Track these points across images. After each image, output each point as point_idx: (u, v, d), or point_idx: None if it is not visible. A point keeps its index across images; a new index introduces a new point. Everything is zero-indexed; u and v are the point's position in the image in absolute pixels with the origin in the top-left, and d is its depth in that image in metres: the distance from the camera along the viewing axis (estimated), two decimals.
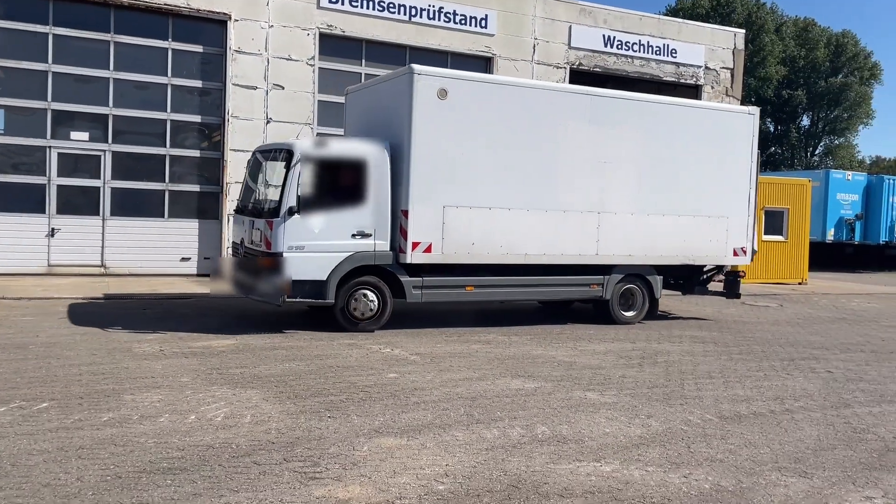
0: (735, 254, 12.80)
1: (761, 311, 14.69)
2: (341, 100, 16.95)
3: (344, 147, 10.64)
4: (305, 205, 9.85)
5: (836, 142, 60.01)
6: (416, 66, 10.44)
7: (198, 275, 15.94)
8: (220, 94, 16.05)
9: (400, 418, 6.36)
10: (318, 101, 16.70)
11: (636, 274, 12.18)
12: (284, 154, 10.14)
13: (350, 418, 6.30)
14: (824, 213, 26.63)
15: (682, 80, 20.33)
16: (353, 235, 10.18)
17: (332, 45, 16.82)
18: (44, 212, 15.07)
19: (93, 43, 15.29)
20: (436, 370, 8.26)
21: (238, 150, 15.91)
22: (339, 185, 10.27)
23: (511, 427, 6.25)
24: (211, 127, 16.34)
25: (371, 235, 10.27)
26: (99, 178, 15.48)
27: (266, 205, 10.38)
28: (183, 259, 16.03)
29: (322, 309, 10.47)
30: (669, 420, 6.68)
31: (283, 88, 16.25)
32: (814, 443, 6.21)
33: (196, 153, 16.31)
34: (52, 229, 15.11)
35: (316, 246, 9.95)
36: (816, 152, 58.47)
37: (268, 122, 16.12)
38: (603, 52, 19.28)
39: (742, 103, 22.38)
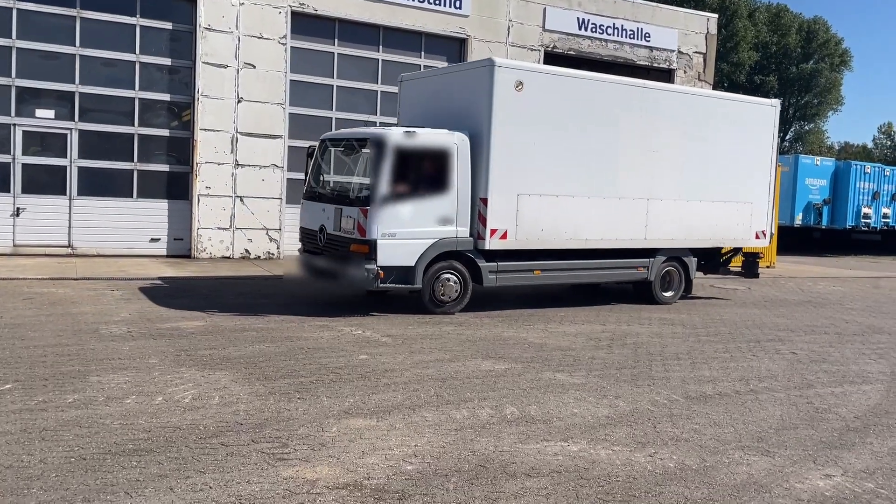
0: (757, 236, 13.77)
1: (729, 294, 14.91)
2: (314, 79, 16.90)
3: (430, 137, 10.65)
4: (396, 193, 10.18)
5: (806, 127, 60.86)
6: (496, 59, 10.91)
7: (168, 256, 15.75)
8: (190, 72, 15.78)
9: (370, 399, 6.37)
10: (291, 80, 16.49)
11: (675, 256, 13.00)
12: (374, 144, 10.33)
13: (320, 399, 6.29)
14: (793, 198, 27.04)
15: (656, 65, 20.41)
16: (438, 223, 10.56)
17: (304, 23, 16.59)
18: (8, 191, 14.74)
19: (58, 18, 14.92)
20: (407, 352, 8.27)
21: (208, 130, 15.69)
22: (425, 174, 10.59)
23: (480, 408, 6.29)
24: (180, 106, 16.08)
25: (453, 223, 10.65)
26: (65, 156, 15.18)
27: (356, 193, 10.64)
28: (152, 240, 15.81)
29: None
30: (637, 400, 6.77)
31: (254, 67, 16.02)
32: (776, 422, 6.34)
33: (165, 132, 16.05)
34: (17, 209, 14.80)
35: (405, 233, 10.31)
36: (787, 137, 59.23)
37: (239, 101, 15.91)
38: (577, 35, 19.26)
39: (714, 88, 22.55)
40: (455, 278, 10.80)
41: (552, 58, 19.20)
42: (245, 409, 5.92)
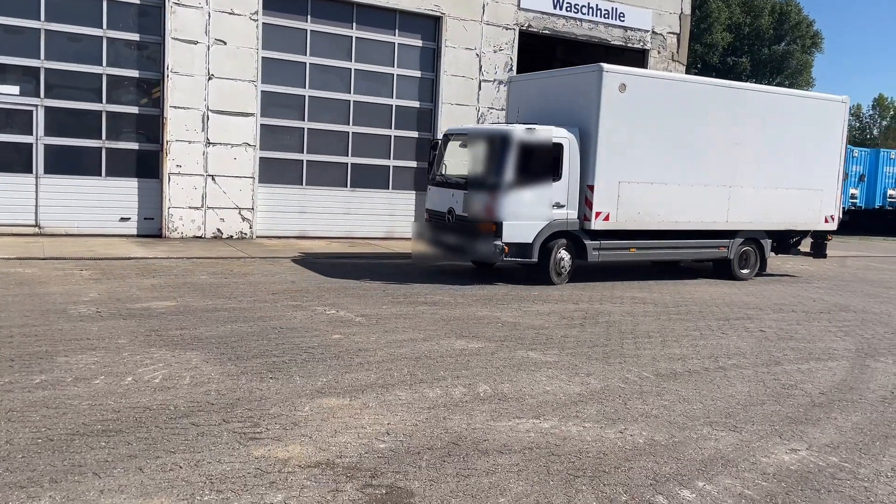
0: (826, 220, 15.10)
1: (700, 273, 15.07)
2: (287, 57, 16.66)
3: (547, 133, 12.10)
4: (519, 181, 11.82)
5: None
6: (604, 65, 12.38)
7: (138, 235, 15.53)
8: (159, 48, 15.46)
9: (343, 379, 6.36)
10: (263, 57, 16.25)
11: (752, 238, 14.43)
12: (500, 139, 11.94)
13: (292, 379, 6.27)
14: None
15: (630, 45, 20.42)
16: (552, 206, 12.17)
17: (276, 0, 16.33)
18: None
19: None
20: (381, 331, 8.26)
21: (178, 107, 15.43)
22: (541, 164, 12.04)
23: (454, 386, 6.31)
24: (150, 83, 15.77)
25: (564, 206, 12.28)
26: (31, 134, 14.84)
27: (484, 180, 12.06)
28: (122, 219, 15.58)
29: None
30: (608, 378, 6.84)
31: (225, 44, 15.75)
32: (744, 398, 6.45)
33: (134, 109, 15.75)
34: None
35: (526, 215, 11.96)
36: None
37: (210, 78, 15.64)
38: (552, 15, 19.19)
39: (688, 70, 22.65)
40: (566, 254, 12.41)
41: (527, 37, 19.14)
42: (216, 389, 5.88)
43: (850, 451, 5.29)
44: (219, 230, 16.07)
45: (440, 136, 13.58)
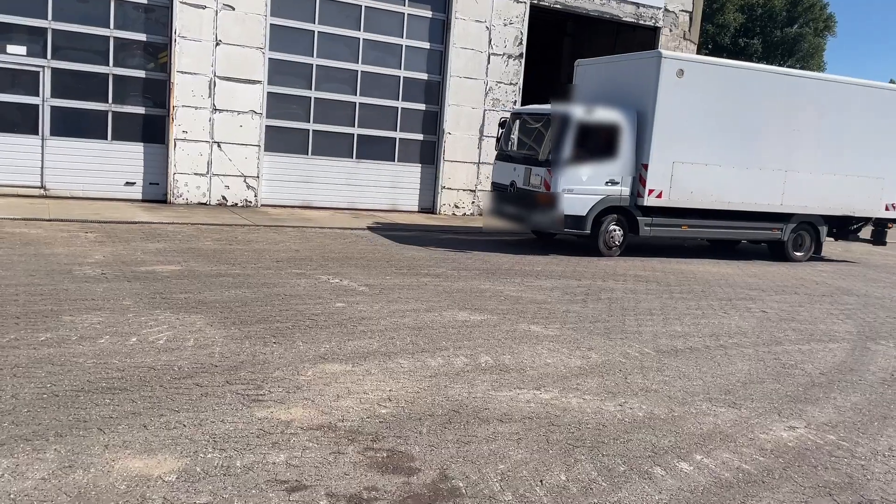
0: (886, 209, 15.47)
1: (700, 251, 15.07)
2: (295, 24, 16.51)
3: (605, 114, 12.98)
4: (576, 157, 12.67)
5: None
6: (663, 52, 13.27)
7: (143, 200, 15.53)
8: (167, 12, 15.33)
9: (346, 345, 6.40)
10: (271, 24, 16.11)
11: (807, 222, 14.90)
12: (561, 118, 12.75)
13: (295, 344, 6.31)
14: None
15: (642, 22, 20.20)
16: (607, 183, 12.98)
17: None
18: None
19: None
20: (384, 301, 8.29)
21: (185, 73, 15.34)
22: (598, 143, 12.88)
23: (455, 356, 6.34)
24: (157, 47, 15.66)
25: (619, 183, 13.06)
26: (37, 95, 14.78)
27: (544, 156, 12.98)
28: (128, 183, 15.57)
29: None
30: (609, 353, 6.87)
31: (233, 9, 15.61)
32: (744, 376, 6.48)
33: (141, 73, 15.66)
34: None
35: (581, 189, 12.81)
36: None
37: (217, 44, 15.53)
38: None
39: (698, 49, 22.43)
40: (618, 228, 13.24)
41: (538, 10, 18.94)
42: (220, 352, 5.92)
43: (847, 431, 5.33)
44: (223, 197, 16.06)
45: (505, 114, 15.10)
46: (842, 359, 7.39)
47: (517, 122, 14.31)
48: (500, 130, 14.60)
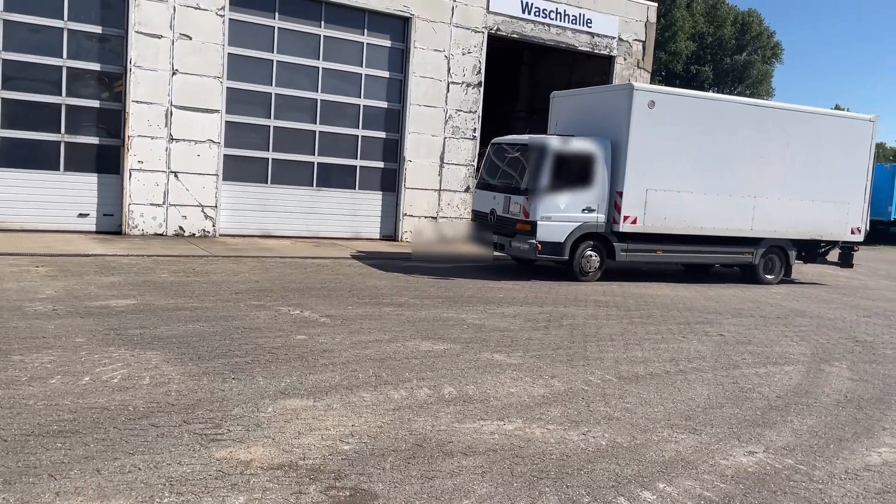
0: (852, 232, 15.94)
1: (664, 276, 15.30)
2: (253, 53, 16.48)
3: (581, 144, 13.49)
4: (553, 186, 13.15)
5: None
6: (635, 84, 13.98)
7: (97, 232, 15.21)
8: (122, 41, 15.17)
9: (307, 380, 6.31)
10: (229, 53, 16.05)
11: (777, 246, 15.36)
12: (538, 148, 13.31)
13: (255, 380, 6.20)
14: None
15: (597, 51, 20.64)
16: (583, 210, 13.43)
17: None
18: None
19: None
20: (346, 332, 8.21)
21: (141, 102, 15.16)
22: (575, 171, 13.35)
23: (419, 388, 6.30)
24: (112, 76, 15.46)
25: (595, 210, 13.51)
26: None
27: (522, 184, 13.45)
28: (81, 215, 15.24)
29: None
30: (571, 380, 6.89)
31: (190, 39, 15.51)
32: (704, 401, 6.56)
33: (95, 103, 15.41)
34: None
35: (558, 217, 13.23)
36: None
37: (174, 73, 15.40)
38: (521, 19, 19.29)
39: (652, 77, 22.97)
40: (594, 254, 13.64)
41: (495, 41, 19.22)
42: (177, 390, 5.79)
43: (805, 454, 5.41)
44: (181, 228, 15.82)
45: (487, 145, 15.29)
46: (797, 381, 7.53)
47: (497, 151, 14.63)
48: (479, 160, 14.84)
